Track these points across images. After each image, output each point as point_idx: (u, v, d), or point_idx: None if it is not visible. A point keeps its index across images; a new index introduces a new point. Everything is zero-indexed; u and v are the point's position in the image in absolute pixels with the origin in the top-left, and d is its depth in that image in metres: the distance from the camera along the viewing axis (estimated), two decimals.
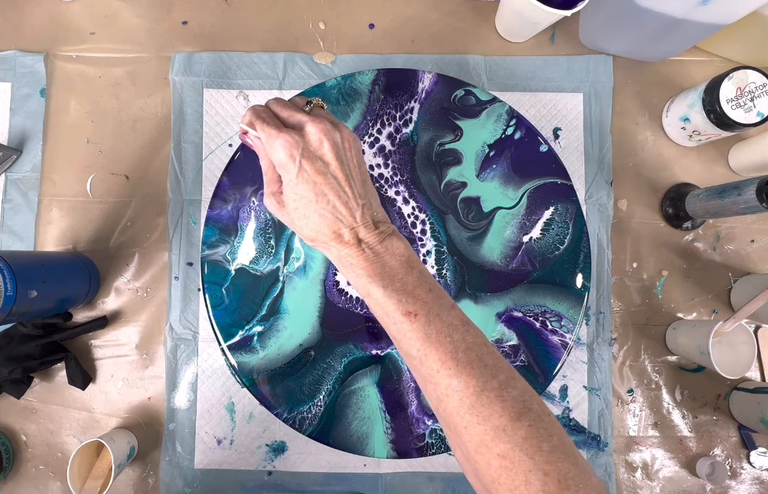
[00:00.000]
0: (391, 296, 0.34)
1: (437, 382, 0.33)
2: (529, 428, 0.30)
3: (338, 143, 0.37)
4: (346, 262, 0.36)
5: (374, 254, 0.36)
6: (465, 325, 0.35)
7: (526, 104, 0.59)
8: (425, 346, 0.33)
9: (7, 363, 0.52)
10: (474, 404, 0.31)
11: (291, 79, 0.59)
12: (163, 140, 0.59)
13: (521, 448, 0.30)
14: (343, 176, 0.36)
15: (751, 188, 0.47)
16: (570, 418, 0.57)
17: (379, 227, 0.37)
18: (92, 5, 0.60)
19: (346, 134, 0.38)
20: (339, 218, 0.36)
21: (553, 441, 0.30)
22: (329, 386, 0.54)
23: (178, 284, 0.57)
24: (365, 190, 0.38)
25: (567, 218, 0.55)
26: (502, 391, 0.32)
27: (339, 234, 0.36)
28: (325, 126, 0.36)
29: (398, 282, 0.35)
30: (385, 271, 0.35)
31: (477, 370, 0.32)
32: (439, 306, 0.35)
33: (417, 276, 0.36)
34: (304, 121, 0.37)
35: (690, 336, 0.54)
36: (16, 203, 0.58)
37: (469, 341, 0.33)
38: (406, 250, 0.37)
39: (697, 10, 0.47)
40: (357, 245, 0.36)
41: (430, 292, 0.35)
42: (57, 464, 0.56)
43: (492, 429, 0.31)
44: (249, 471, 0.56)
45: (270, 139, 0.36)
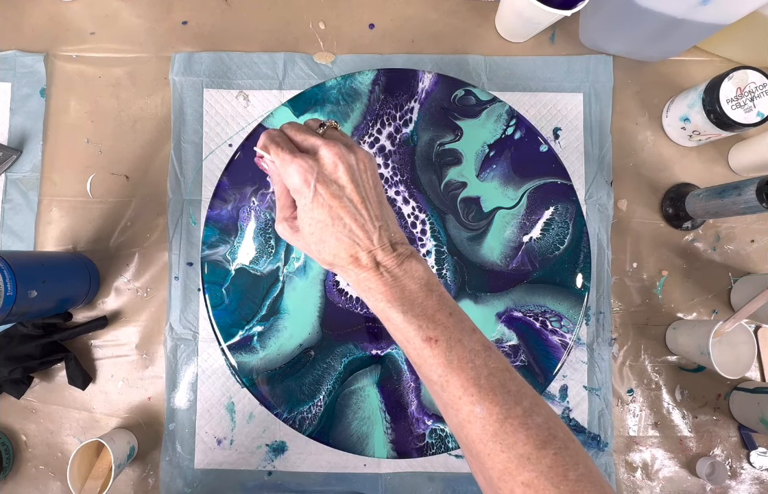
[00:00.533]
0: (411, 321, 0.34)
1: (459, 408, 0.32)
2: (554, 456, 0.30)
3: (353, 166, 0.36)
4: (365, 286, 0.36)
5: (393, 278, 0.35)
6: (487, 350, 0.34)
7: (526, 104, 0.59)
8: (447, 372, 0.33)
9: (7, 363, 0.52)
10: (497, 431, 0.31)
11: (291, 79, 0.59)
12: (163, 140, 0.59)
13: (546, 477, 0.29)
14: (359, 199, 0.36)
15: (751, 188, 0.47)
16: (570, 418, 0.57)
17: (397, 250, 0.36)
18: (92, 5, 0.60)
19: (361, 155, 0.37)
20: (356, 242, 0.35)
21: (579, 470, 0.30)
22: (329, 386, 0.54)
23: (178, 284, 0.57)
24: (382, 212, 0.37)
25: (567, 218, 0.55)
26: (527, 418, 0.31)
27: (356, 258, 0.35)
28: (340, 149, 0.36)
29: (418, 307, 0.34)
30: (404, 295, 0.35)
31: (500, 397, 0.32)
32: (461, 331, 0.34)
33: (437, 300, 0.35)
34: (318, 145, 0.36)
35: (690, 336, 0.54)
36: (16, 203, 0.58)
37: (492, 366, 0.33)
38: (425, 272, 0.36)
39: (697, 10, 0.47)
40: (375, 269, 0.35)
41: (451, 316, 0.34)
42: (57, 464, 0.56)
43: (516, 457, 0.30)
44: (249, 471, 0.56)
45: (284, 164, 0.36)
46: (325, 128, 0.39)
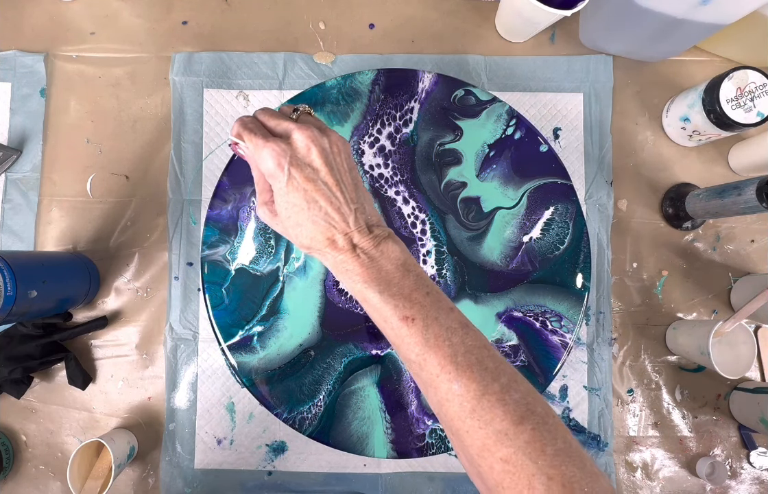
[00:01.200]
0: (388, 301, 0.34)
1: (437, 386, 0.33)
2: (532, 431, 0.30)
3: (326, 149, 0.36)
4: (342, 268, 0.36)
5: (369, 259, 0.35)
6: (464, 328, 0.34)
7: (526, 104, 0.59)
8: (424, 350, 0.33)
9: (7, 363, 0.52)
10: (475, 408, 0.31)
11: (291, 79, 0.59)
12: (163, 140, 0.59)
13: (524, 452, 0.30)
14: (334, 182, 0.36)
15: (751, 188, 0.47)
16: (570, 418, 0.57)
17: (373, 231, 0.36)
18: (92, 5, 0.60)
19: (335, 138, 0.37)
20: (332, 224, 0.36)
21: (558, 445, 0.30)
22: (329, 386, 0.54)
23: (178, 284, 0.57)
24: (357, 194, 0.37)
25: (567, 218, 0.55)
26: (504, 394, 0.31)
27: (333, 240, 0.36)
28: (312, 132, 0.36)
29: (395, 287, 0.35)
30: (380, 276, 0.35)
31: (477, 374, 0.32)
32: (437, 309, 0.34)
33: (414, 280, 0.35)
34: (291, 129, 0.36)
35: (690, 336, 0.54)
36: (16, 203, 0.58)
37: (469, 344, 0.33)
38: (402, 253, 0.36)
39: (697, 10, 0.47)
40: (352, 251, 0.35)
41: (428, 295, 0.35)
42: (57, 464, 0.56)
43: (494, 433, 0.30)
44: (249, 471, 0.56)
45: (257, 149, 0.36)
46: (298, 113, 0.39)
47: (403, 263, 0.36)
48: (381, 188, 0.56)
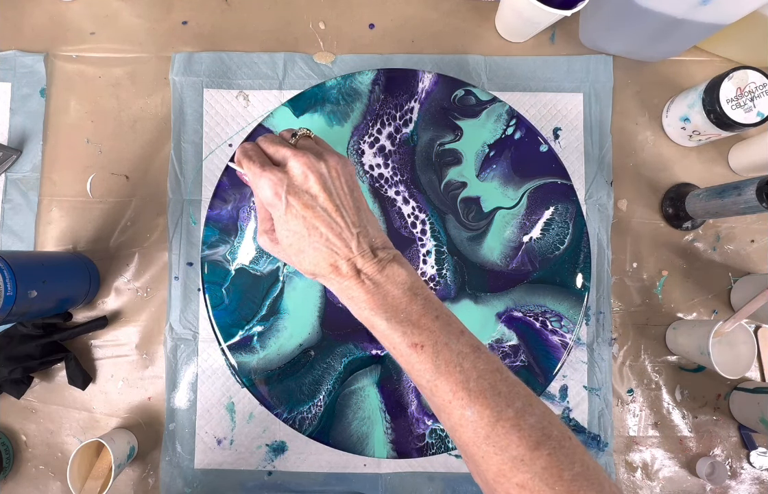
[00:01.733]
0: (396, 328, 0.33)
1: (450, 412, 0.32)
2: (548, 456, 0.30)
3: (324, 174, 0.36)
4: (347, 295, 0.35)
5: (374, 285, 0.35)
6: (475, 351, 0.33)
7: (526, 104, 0.59)
8: (435, 377, 0.32)
9: (7, 363, 0.52)
10: (489, 434, 0.31)
11: (291, 79, 0.59)
12: (163, 140, 0.59)
13: (541, 478, 0.29)
14: (333, 207, 0.35)
15: (751, 188, 0.47)
16: (570, 418, 0.57)
17: (378, 255, 0.36)
18: (92, 5, 0.60)
19: (333, 162, 0.37)
20: (334, 250, 0.35)
21: (575, 469, 0.30)
22: (329, 386, 0.54)
23: (178, 284, 0.57)
24: (359, 217, 0.37)
25: (567, 218, 0.55)
26: (519, 420, 0.31)
27: (336, 267, 0.35)
28: (308, 159, 0.35)
29: (402, 313, 0.34)
30: (387, 302, 0.34)
31: (490, 399, 0.31)
32: (447, 334, 0.34)
33: (422, 304, 0.34)
34: (288, 156, 0.36)
35: (690, 336, 0.54)
36: (16, 203, 0.58)
37: (481, 368, 0.32)
38: (409, 276, 0.35)
39: (697, 10, 0.47)
40: (356, 277, 0.35)
41: (437, 319, 0.34)
42: (57, 464, 0.56)
43: (510, 459, 0.30)
44: (249, 471, 0.56)
45: (255, 178, 0.36)
46: (297, 137, 0.39)
47: (410, 287, 0.35)
48: (381, 188, 0.56)
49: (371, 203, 0.56)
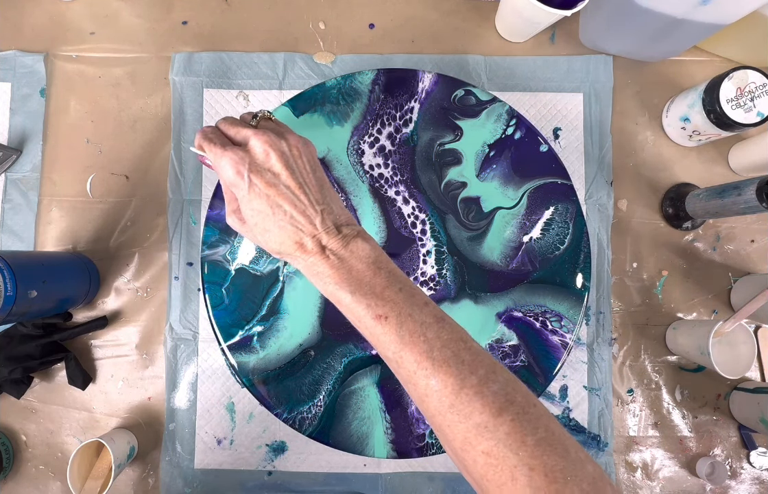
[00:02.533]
0: (360, 301, 0.34)
1: (416, 383, 0.33)
2: (511, 422, 0.30)
3: (286, 152, 0.36)
4: (313, 271, 0.36)
5: (339, 260, 0.35)
6: (439, 321, 0.34)
7: (526, 104, 0.59)
8: (400, 348, 0.33)
9: (7, 363, 0.52)
10: (454, 402, 0.31)
11: (291, 79, 0.59)
12: (163, 140, 0.59)
13: (504, 444, 0.29)
14: (296, 184, 0.36)
15: (751, 188, 0.47)
16: (570, 418, 0.57)
17: (342, 231, 0.36)
18: (92, 5, 0.60)
19: (293, 141, 0.37)
20: (299, 228, 0.35)
21: (539, 434, 0.30)
22: (329, 386, 0.54)
23: (178, 284, 0.57)
24: (323, 194, 0.37)
25: (567, 218, 0.55)
26: (482, 387, 0.31)
27: (301, 244, 0.35)
28: (269, 137, 0.36)
29: (366, 286, 0.34)
30: (351, 276, 0.35)
31: (454, 368, 0.32)
32: (411, 305, 0.34)
33: (386, 277, 0.35)
34: (249, 136, 0.36)
35: (690, 336, 0.54)
36: (16, 203, 0.58)
37: (445, 338, 0.33)
38: (372, 250, 0.36)
39: (697, 10, 0.47)
40: (321, 253, 0.35)
41: (401, 291, 0.34)
42: (57, 464, 0.56)
43: (474, 426, 0.30)
44: (249, 471, 0.56)
45: (216, 158, 0.36)
46: (257, 119, 0.39)
47: (374, 261, 0.35)
48: (381, 188, 0.56)
49: (371, 202, 0.56)
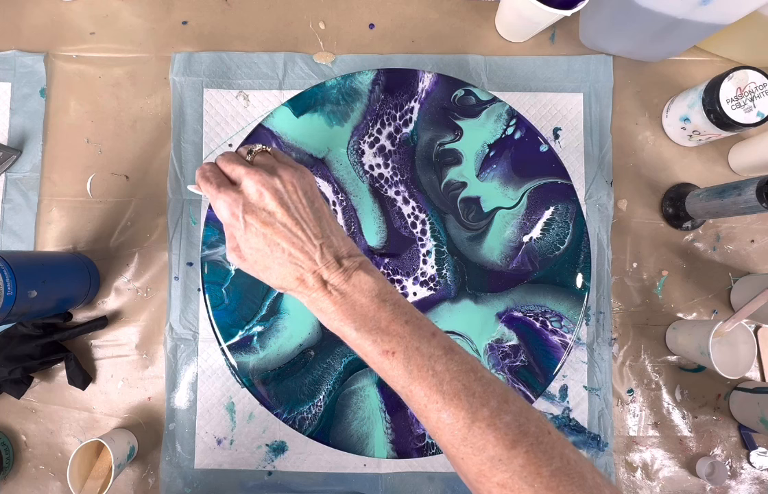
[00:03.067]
0: (366, 337, 0.33)
1: (428, 416, 0.32)
2: (526, 454, 0.30)
3: (279, 189, 0.35)
4: (317, 307, 0.35)
5: (341, 295, 0.35)
6: (448, 353, 0.33)
7: (526, 104, 0.59)
8: (409, 382, 0.32)
9: (7, 363, 0.52)
10: (466, 436, 0.31)
11: (291, 79, 0.59)
12: (163, 140, 0.59)
13: (520, 476, 0.29)
14: (293, 221, 0.35)
15: (751, 188, 0.47)
16: (570, 418, 0.57)
17: (343, 264, 0.35)
18: (92, 5, 0.60)
19: (287, 176, 0.36)
20: (299, 265, 0.35)
21: (554, 464, 0.29)
22: (329, 386, 0.54)
23: (178, 284, 0.57)
24: (321, 228, 0.36)
25: (567, 218, 0.55)
26: (494, 419, 0.31)
27: (302, 280, 0.35)
28: (262, 176, 0.35)
29: (371, 321, 0.34)
30: (355, 311, 0.34)
31: (465, 401, 0.31)
32: (418, 339, 0.33)
33: (391, 309, 0.34)
34: (242, 175, 0.36)
35: (690, 336, 0.54)
36: (16, 203, 0.58)
37: (454, 370, 0.32)
38: (376, 283, 0.35)
39: (697, 10, 0.47)
40: (323, 288, 0.35)
41: (407, 324, 0.34)
42: (57, 464, 0.56)
43: (488, 459, 0.30)
44: (249, 471, 0.56)
45: (212, 200, 0.36)
46: (253, 154, 0.38)
47: (378, 294, 0.35)
48: (381, 188, 0.56)
49: (371, 202, 0.56)
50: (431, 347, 0.33)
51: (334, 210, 0.56)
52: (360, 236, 0.56)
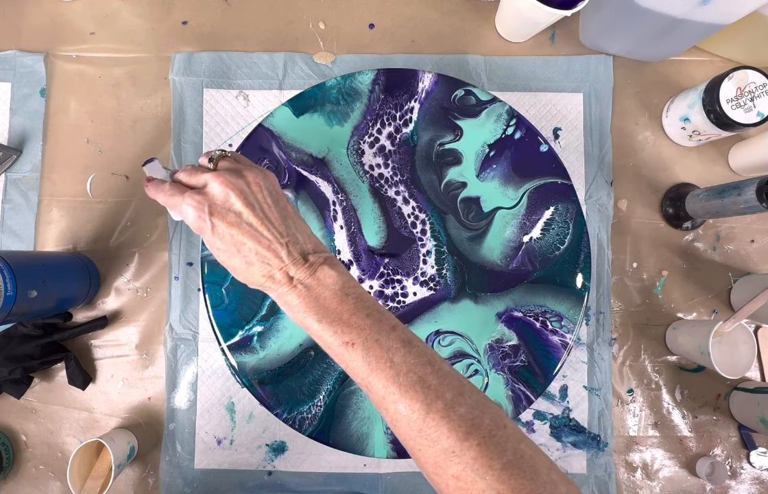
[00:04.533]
0: (327, 328, 0.34)
1: (386, 408, 0.33)
2: (478, 447, 0.30)
3: (245, 190, 0.36)
4: (283, 301, 0.36)
5: (306, 288, 0.35)
6: (406, 345, 0.34)
7: (526, 104, 0.59)
8: (367, 373, 0.33)
9: (7, 363, 0.52)
10: (422, 427, 0.31)
11: (291, 79, 0.59)
12: (163, 140, 0.59)
13: (472, 468, 0.30)
14: (258, 221, 0.36)
15: (751, 188, 0.47)
16: (570, 418, 0.57)
17: (309, 260, 0.36)
18: (92, 5, 0.60)
19: (252, 177, 0.37)
20: (266, 262, 0.36)
21: (506, 457, 0.30)
22: (329, 386, 0.54)
23: (178, 284, 0.57)
24: (287, 226, 0.37)
25: (567, 218, 0.55)
26: (449, 411, 0.31)
27: (271, 276, 0.36)
28: (226, 178, 0.36)
29: (333, 313, 0.35)
30: (318, 304, 0.35)
31: (420, 392, 0.32)
32: (378, 331, 0.34)
33: (353, 303, 0.35)
34: (207, 179, 0.36)
35: (690, 336, 0.54)
36: (16, 203, 0.58)
37: (411, 362, 0.33)
38: (339, 277, 0.36)
39: (697, 10, 0.47)
40: (289, 283, 0.36)
41: (368, 318, 0.35)
42: (57, 464, 0.56)
43: (442, 450, 0.31)
44: (249, 471, 0.56)
45: (177, 206, 0.36)
46: (214, 161, 0.39)
47: (341, 288, 0.36)
48: (381, 188, 0.56)
49: (371, 202, 0.56)
50: (390, 340, 0.34)
51: (334, 210, 0.56)
52: (360, 236, 0.56)
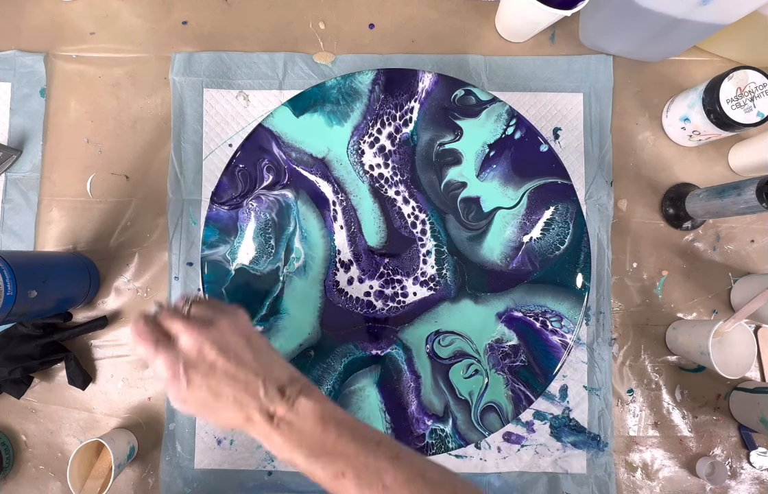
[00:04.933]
0: (314, 464, 0.34)
1: None
2: None
3: (217, 339, 0.36)
4: (267, 442, 0.36)
5: (288, 425, 0.35)
6: (394, 460, 0.34)
7: (526, 104, 0.59)
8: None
9: (7, 363, 0.52)
10: None
11: (291, 79, 0.59)
12: (163, 140, 0.59)
13: None
14: (234, 367, 0.35)
15: (751, 188, 0.47)
16: (570, 418, 0.57)
17: (286, 393, 0.36)
18: (92, 5, 0.60)
19: (224, 322, 0.37)
20: (243, 405, 0.35)
21: None
22: (329, 386, 0.54)
23: (178, 284, 0.57)
24: (260, 362, 0.37)
25: (567, 218, 0.55)
26: None
27: (250, 418, 0.35)
28: (198, 331, 0.35)
29: (318, 446, 0.35)
30: (303, 439, 0.35)
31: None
32: (365, 454, 0.34)
33: (335, 429, 0.35)
34: (180, 331, 0.36)
35: (690, 336, 0.54)
36: (16, 203, 0.58)
37: (401, 480, 0.34)
38: (316, 404, 0.36)
39: (697, 10, 0.47)
40: (270, 423, 0.35)
41: (352, 441, 0.35)
42: (57, 464, 0.56)
43: None
44: (249, 471, 0.56)
45: (150, 359, 0.35)
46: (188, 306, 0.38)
47: (321, 416, 0.35)
48: (381, 188, 0.56)
49: (371, 202, 0.56)
50: (378, 461, 0.34)
51: (334, 210, 0.56)
52: (360, 235, 0.56)
